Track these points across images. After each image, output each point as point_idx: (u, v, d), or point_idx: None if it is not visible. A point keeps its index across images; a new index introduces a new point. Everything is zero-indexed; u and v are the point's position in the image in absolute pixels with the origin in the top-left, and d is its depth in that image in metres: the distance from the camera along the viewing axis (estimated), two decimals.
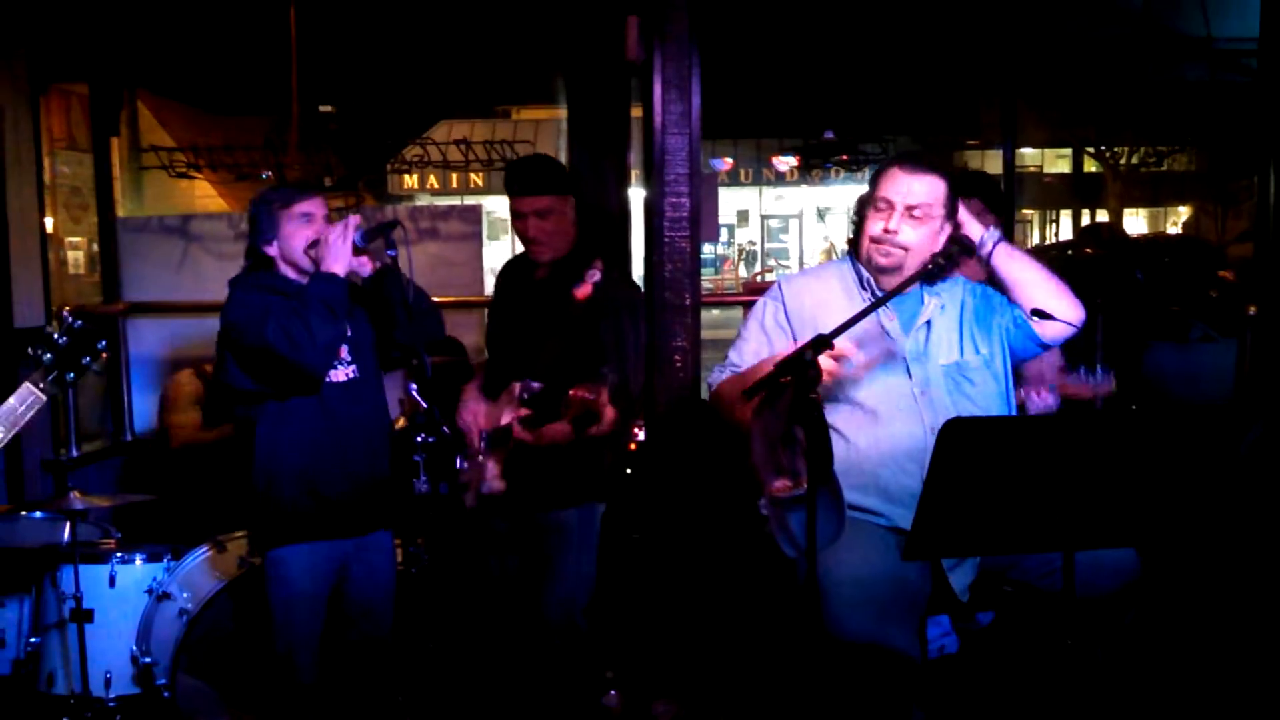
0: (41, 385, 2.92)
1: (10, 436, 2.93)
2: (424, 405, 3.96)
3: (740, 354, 3.03)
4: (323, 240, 3.23)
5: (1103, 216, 23.84)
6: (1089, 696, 2.53)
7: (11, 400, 2.91)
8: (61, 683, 3.69)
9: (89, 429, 5.78)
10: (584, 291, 3.52)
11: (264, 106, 7.09)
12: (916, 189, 2.84)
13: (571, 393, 3.20)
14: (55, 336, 2.95)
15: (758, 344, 3.00)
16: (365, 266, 3.28)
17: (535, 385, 3.47)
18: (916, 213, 2.84)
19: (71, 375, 2.95)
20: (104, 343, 2.99)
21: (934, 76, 8.05)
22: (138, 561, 3.82)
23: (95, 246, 6.84)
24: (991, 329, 2.95)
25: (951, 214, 2.91)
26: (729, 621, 3.58)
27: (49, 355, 2.91)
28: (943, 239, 2.88)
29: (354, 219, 3.27)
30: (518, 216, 3.67)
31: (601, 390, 3.16)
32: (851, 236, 3.06)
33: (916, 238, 2.85)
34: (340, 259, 3.19)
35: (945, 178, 2.90)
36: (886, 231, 2.85)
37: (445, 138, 7.92)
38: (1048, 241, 26.91)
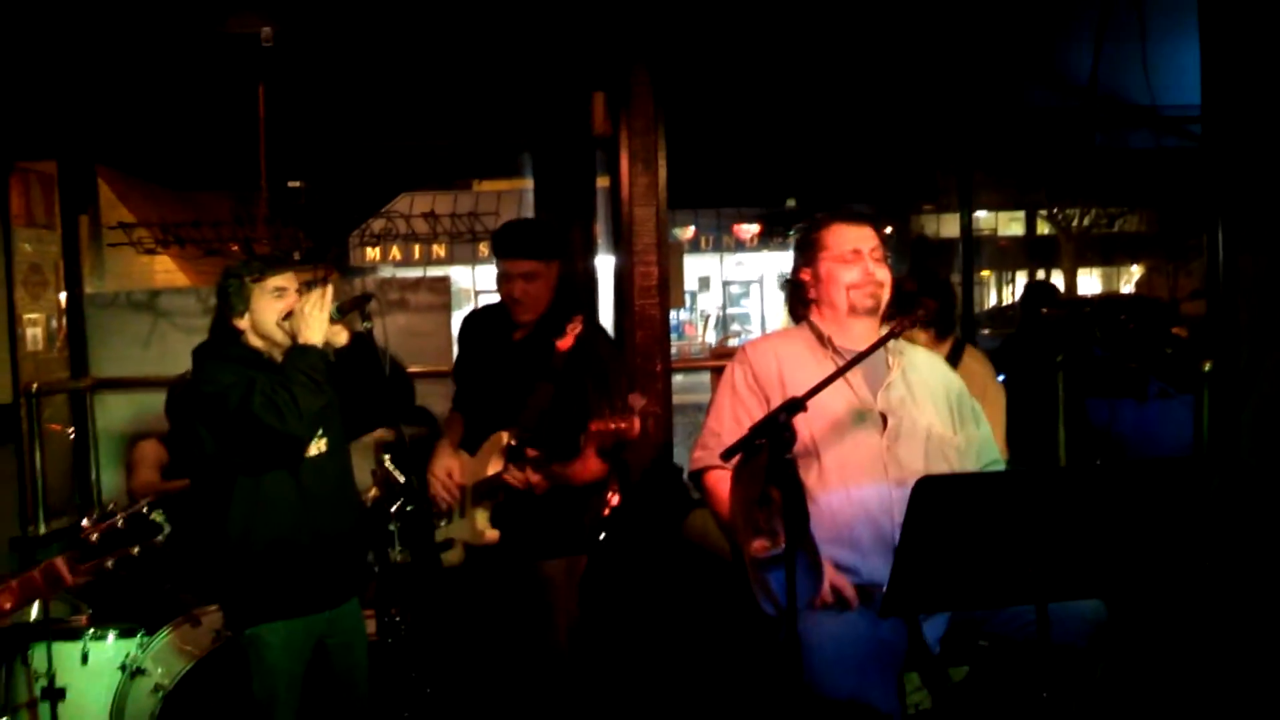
0: (75, 567, 2.74)
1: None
2: (401, 478, 3.96)
3: (719, 420, 3.09)
4: (298, 311, 3.24)
5: (1057, 276, 24.25)
6: None
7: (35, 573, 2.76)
8: None
9: (57, 505, 5.73)
10: (566, 343, 3.57)
11: (229, 182, 7.12)
12: (866, 235, 3.08)
13: (594, 426, 3.22)
14: (117, 518, 2.80)
15: (733, 409, 3.06)
16: (340, 336, 3.32)
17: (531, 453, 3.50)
18: (875, 255, 3.06)
19: (112, 564, 2.77)
20: (164, 533, 2.81)
21: (892, 146, 8.24)
22: (110, 638, 3.80)
23: (54, 323, 6.82)
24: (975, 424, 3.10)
25: (889, 255, 3.13)
26: (710, 680, 3.59)
27: (98, 535, 2.74)
28: None
29: (330, 289, 3.30)
30: (505, 278, 3.72)
31: (633, 419, 3.19)
32: (791, 300, 3.19)
33: (886, 276, 3.06)
34: (317, 329, 3.22)
35: (872, 224, 3.12)
36: (866, 274, 3.03)
37: (407, 209, 7.97)
38: (1005, 303, 27.30)
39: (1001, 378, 4.21)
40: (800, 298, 3.15)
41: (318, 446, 3.35)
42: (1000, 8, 5.51)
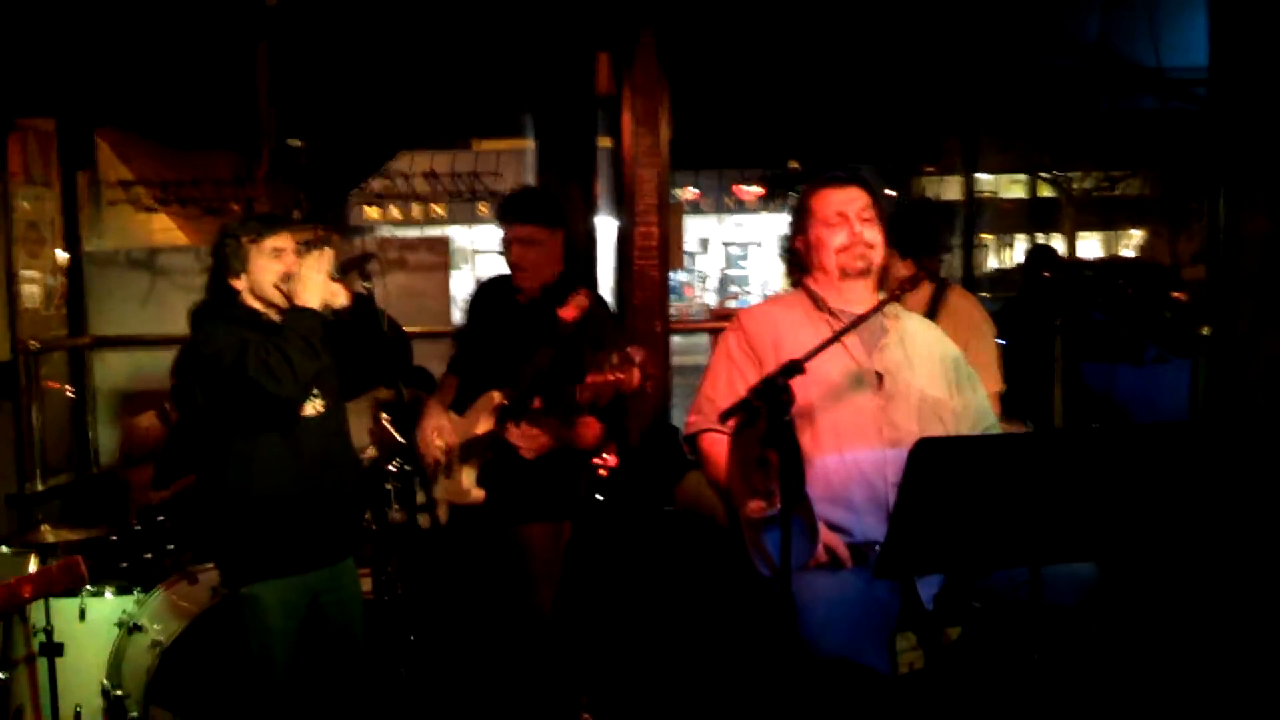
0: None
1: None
2: (399, 438, 3.97)
3: (714, 386, 3.09)
4: (296, 273, 3.24)
5: (1058, 240, 24.17)
6: (1057, 708, 2.59)
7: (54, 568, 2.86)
8: (31, 718, 3.67)
9: (54, 463, 5.75)
10: (569, 313, 3.57)
11: (230, 141, 7.08)
12: (854, 196, 3.06)
13: (591, 378, 3.21)
14: (134, 524, 2.83)
15: (728, 374, 3.06)
16: (339, 297, 3.30)
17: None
18: (865, 215, 3.04)
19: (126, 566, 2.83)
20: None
21: (895, 107, 8.19)
22: (108, 594, 3.82)
23: (52, 281, 6.81)
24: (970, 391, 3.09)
25: (882, 213, 3.10)
26: (704, 641, 3.61)
27: (116, 536, 2.80)
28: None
29: (328, 251, 3.28)
30: (508, 244, 3.73)
31: (631, 369, 3.18)
32: (789, 267, 3.19)
33: (875, 236, 3.05)
34: (315, 292, 3.21)
35: (861, 184, 3.10)
36: (852, 236, 3.02)
37: (406, 168, 7.92)
38: (1005, 266, 27.20)
39: (1003, 343, 4.20)
40: (797, 265, 3.16)
41: (314, 406, 3.34)
42: None
